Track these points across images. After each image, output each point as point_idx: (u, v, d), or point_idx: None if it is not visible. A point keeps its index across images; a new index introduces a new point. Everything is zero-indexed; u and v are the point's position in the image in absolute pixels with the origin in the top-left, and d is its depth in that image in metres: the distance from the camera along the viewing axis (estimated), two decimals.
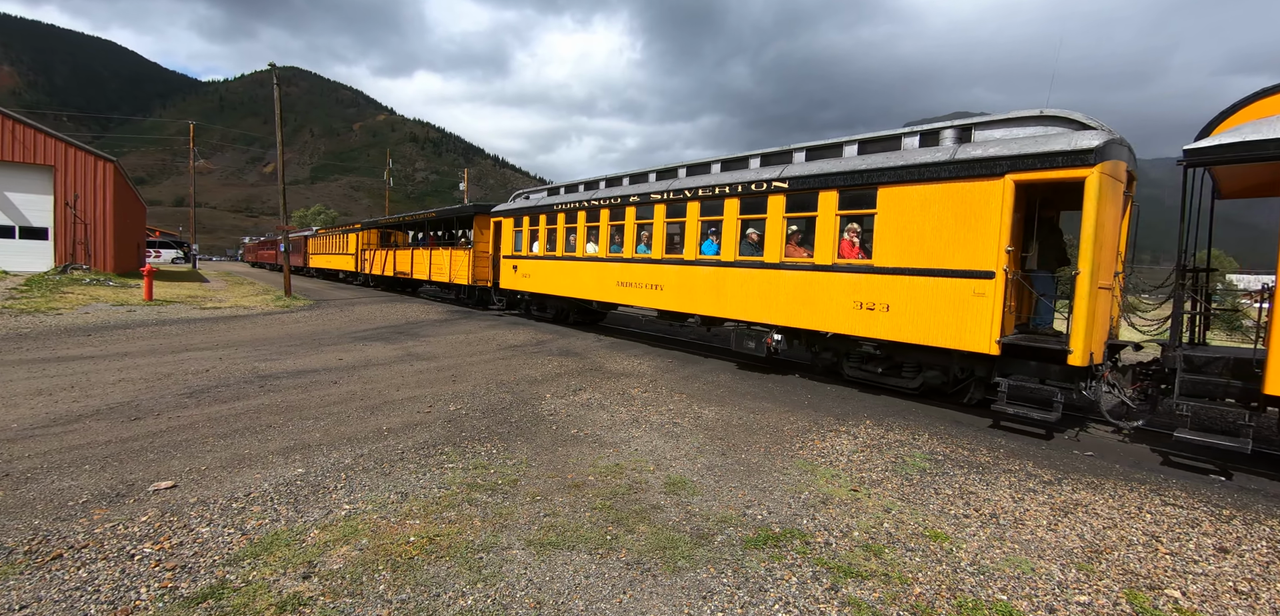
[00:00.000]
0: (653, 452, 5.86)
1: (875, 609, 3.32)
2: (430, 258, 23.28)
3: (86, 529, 3.86)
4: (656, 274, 11.97)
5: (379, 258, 29.60)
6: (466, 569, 3.55)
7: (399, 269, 26.91)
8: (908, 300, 7.89)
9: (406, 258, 25.90)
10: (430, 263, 23.24)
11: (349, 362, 9.92)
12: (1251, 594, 3.64)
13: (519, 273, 17.08)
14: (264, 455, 5.37)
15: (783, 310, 9.49)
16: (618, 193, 13.26)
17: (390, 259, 27.95)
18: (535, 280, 16.34)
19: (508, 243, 17.73)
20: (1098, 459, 6.23)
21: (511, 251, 17.51)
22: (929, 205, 7.71)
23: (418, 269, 24.55)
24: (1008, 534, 4.34)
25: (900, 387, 8.86)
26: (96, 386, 7.68)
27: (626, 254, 12.74)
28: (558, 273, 15.26)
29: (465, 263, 20.20)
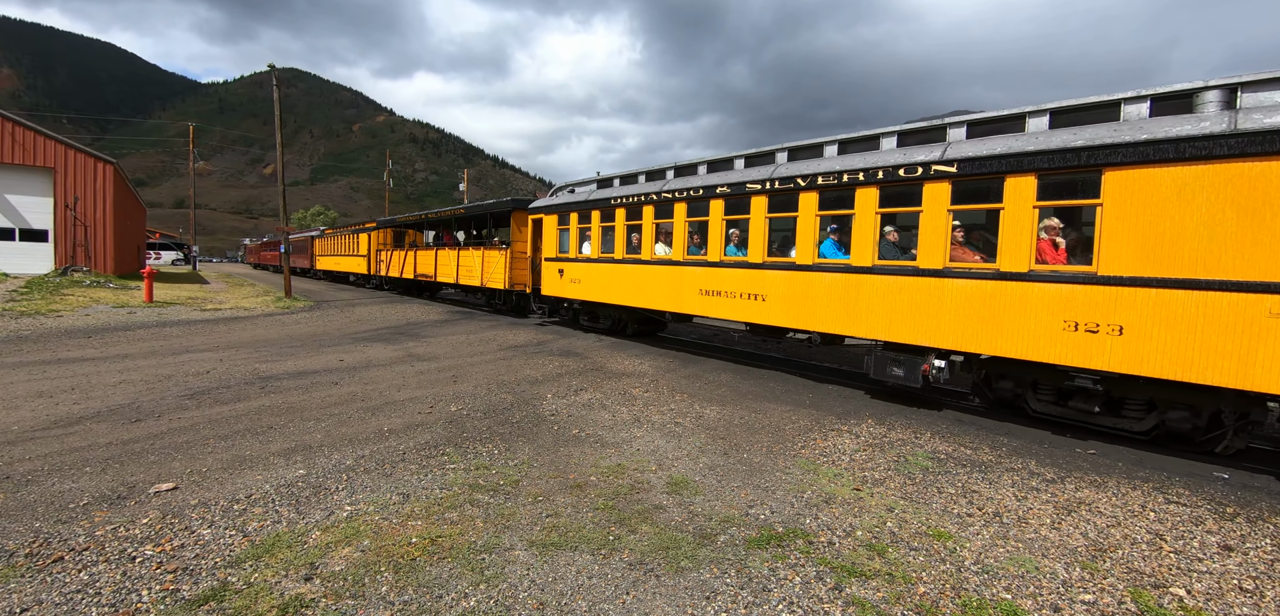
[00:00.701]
0: (655, 452, 5.85)
1: (879, 608, 3.30)
2: (457, 259, 20.95)
3: (87, 531, 3.85)
4: (755, 281, 9.78)
5: (396, 259, 27.09)
6: (469, 570, 3.54)
7: (420, 271, 24.46)
8: (1154, 320, 5.92)
9: (428, 259, 23.59)
10: (457, 265, 20.92)
11: (350, 364, 9.91)
12: (1256, 591, 3.63)
13: (566, 278, 14.64)
14: (265, 456, 5.36)
15: (948, 329, 7.44)
16: (695, 183, 11.02)
17: (408, 260, 25.58)
18: (587, 286, 13.93)
19: (551, 243, 15.29)
20: (1100, 457, 6.22)
21: (556, 253, 15.05)
22: (1191, 193, 5.77)
23: (443, 271, 22.23)
24: (1011, 532, 4.33)
25: (1122, 432, 6.85)
26: (97, 388, 7.67)
27: (711, 256, 10.57)
28: (617, 278, 12.97)
29: (501, 265, 17.83)
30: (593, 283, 13.76)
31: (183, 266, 52.44)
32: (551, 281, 15.44)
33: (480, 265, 19.34)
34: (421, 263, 24.46)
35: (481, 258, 19.30)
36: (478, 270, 19.48)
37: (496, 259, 18.35)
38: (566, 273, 14.68)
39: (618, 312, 14.03)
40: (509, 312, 19.39)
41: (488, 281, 18.85)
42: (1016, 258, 6.90)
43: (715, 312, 10.72)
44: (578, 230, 14.20)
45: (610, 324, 14.59)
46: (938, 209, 7.58)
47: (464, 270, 20.54)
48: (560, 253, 15.00)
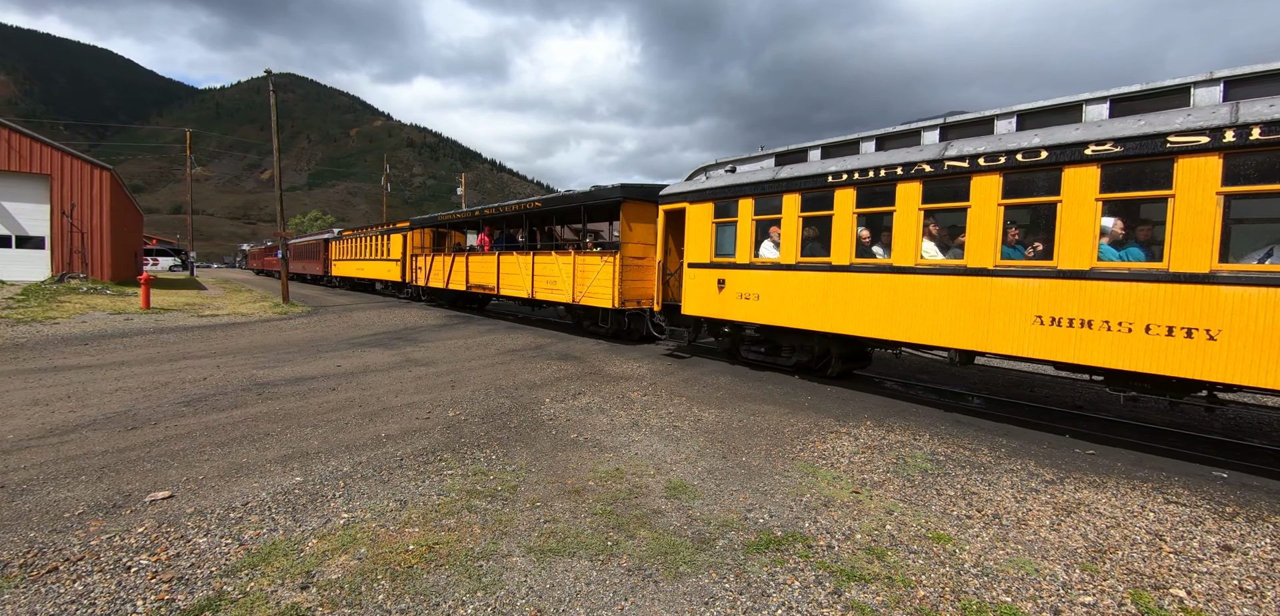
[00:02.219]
0: (653, 456, 5.83)
1: (879, 612, 3.29)
2: (531, 267, 16.40)
3: (82, 541, 3.83)
4: (1192, 305, 5.67)
5: (438, 265, 22.13)
6: (466, 577, 3.52)
7: (475, 282, 19.51)
8: None
9: (485, 266, 19.04)
10: (532, 273, 16.34)
11: (347, 369, 9.89)
12: (1257, 592, 3.62)
13: (729, 292, 10.47)
14: (262, 464, 5.33)
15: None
16: (1015, 145, 6.93)
17: (457, 267, 20.73)
18: (771, 303, 9.74)
19: (699, 243, 11.16)
20: (1099, 457, 6.21)
21: (708, 257, 10.94)
22: None
23: (509, 281, 17.66)
24: (1011, 534, 4.32)
25: None
26: (93, 396, 7.63)
27: (1075, 264, 6.42)
28: (834, 292, 8.76)
29: (607, 276, 13.36)
30: (780, 299, 9.59)
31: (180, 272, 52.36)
32: (701, 296, 11.14)
33: (570, 274, 14.77)
34: (478, 270, 19.47)
35: (573, 265, 14.67)
36: (566, 281, 14.92)
37: (597, 267, 13.76)
38: (731, 285, 10.47)
39: (817, 343, 9.78)
40: (613, 337, 14.58)
41: (584, 296, 14.17)
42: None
43: (1092, 357, 6.33)
44: (752, 224, 10.07)
45: (804, 358, 10.17)
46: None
47: (543, 281, 16.00)
48: (718, 257, 10.80)
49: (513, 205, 18.22)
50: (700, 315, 11.36)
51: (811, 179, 9.17)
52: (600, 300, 13.71)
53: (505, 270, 18.01)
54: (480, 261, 19.54)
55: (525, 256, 16.88)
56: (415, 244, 25.38)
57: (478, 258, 19.78)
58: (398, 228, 27.29)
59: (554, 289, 15.57)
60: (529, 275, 16.63)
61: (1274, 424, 7.98)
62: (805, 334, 9.71)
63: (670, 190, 12.25)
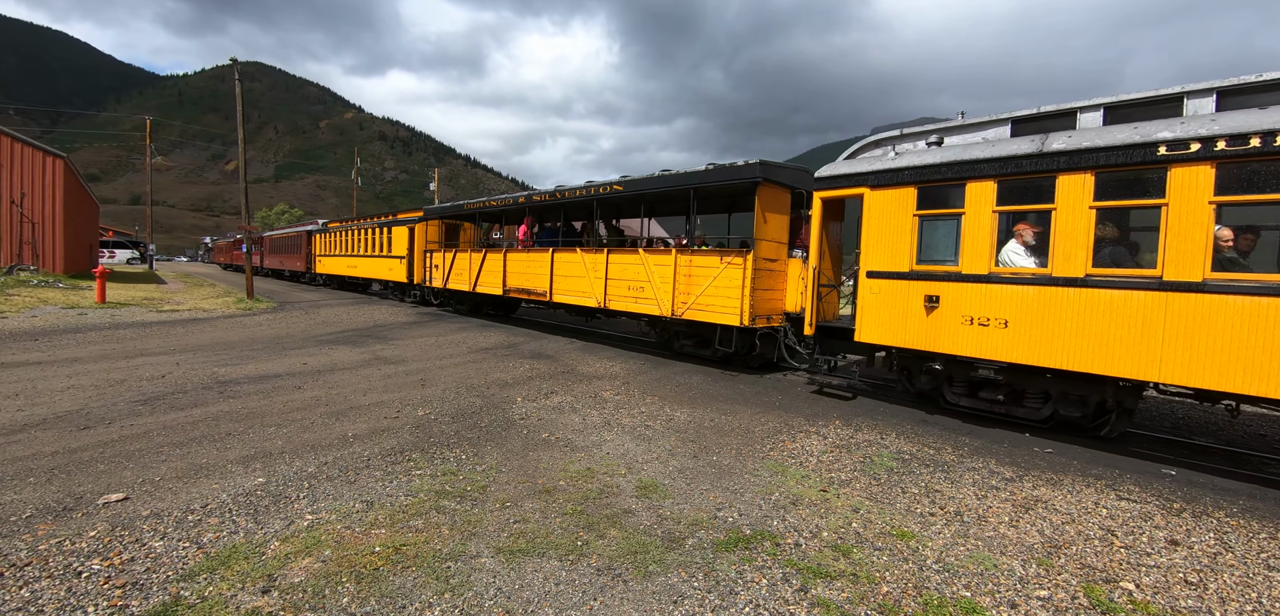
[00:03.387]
0: (624, 456, 5.84)
1: (843, 609, 3.35)
2: (605, 266, 12.81)
3: (30, 545, 3.68)
4: None
5: (461, 264, 18.79)
6: (434, 579, 3.48)
7: (518, 284, 15.92)
8: None
9: (534, 266, 15.25)
10: (605, 275, 12.79)
11: (313, 367, 9.68)
12: (1200, 584, 3.79)
13: (946, 312, 7.49)
14: (222, 464, 5.19)
15: None
16: None
17: (490, 266, 17.25)
18: (1027, 334, 6.84)
19: (891, 243, 8.09)
20: (1057, 456, 6.42)
21: (907, 264, 7.91)
22: None
23: (569, 284, 14.03)
24: (971, 531, 4.44)
25: None
26: (43, 394, 7.34)
27: None
28: (1172, 321, 5.89)
29: (733, 281, 10.15)
30: (1046, 327, 6.69)
31: (139, 266, 50.58)
32: (890, 316, 8.05)
33: (669, 279, 11.24)
34: (521, 271, 15.86)
35: (674, 267, 11.17)
36: (661, 287, 11.42)
37: (715, 271, 10.43)
38: (951, 304, 7.41)
39: (1105, 392, 6.88)
40: (724, 363, 11.42)
41: (692, 308, 10.80)
42: None
43: None
44: (992, 219, 7.15)
45: (1075, 412, 7.16)
46: None
47: (622, 286, 12.43)
48: (923, 263, 7.78)
49: (576, 189, 14.07)
50: (887, 343, 8.17)
51: (1118, 152, 6.20)
52: (719, 314, 10.40)
53: (563, 271, 14.29)
54: (524, 260, 15.81)
55: (592, 254, 13.27)
56: (429, 238, 21.35)
57: (520, 255, 16.04)
58: (404, 219, 23.15)
59: (639, 297, 12.02)
60: (599, 278, 12.98)
61: (1219, 424, 8.35)
62: (1081, 379, 6.82)
63: (834, 170, 8.93)
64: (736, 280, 10.13)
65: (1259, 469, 6.16)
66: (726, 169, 10.76)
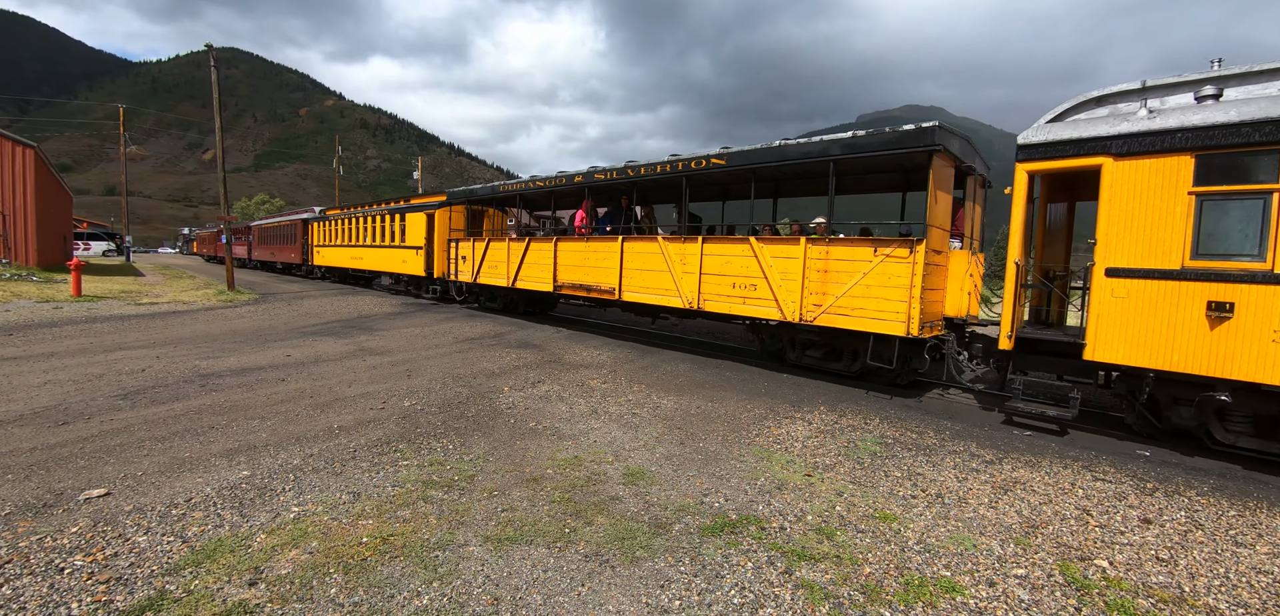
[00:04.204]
0: (612, 443, 5.88)
1: (827, 590, 3.42)
2: (700, 258, 10.54)
3: (10, 543, 3.64)
4: None
5: (495, 256, 16.19)
6: (422, 568, 3.49)
7: (573, 279, 13.43)
8: None
9: (597, 258, 12.75)
10: (699, 270, 10.55)
11: (297, 359, 9.59)
12: (1171, 561, 3.91)
13: (1242, 322, 5.66)
14: (206, 458, 5.15)
15: None
16: None
17: (535, 259, 14.68)
18: None
19: (1149, 231, 6.27)
20: (1036, 439, 6.56)
21: (1177, 259, 6.07)
22: None
23: (644, 280, 11.65)
24: (952, 513, 4.53)
25: None
26: (19, 390, 7.21)
27: None
28: None
29: (898, 279, 8.07)
30: None
31: (115, 258, 49.56)
32: (1146, 330, 6.23)
33: (794, 276, 9.18)
34: (577, 263, 13.33)
35: (802, 261, 9.05)
36: (786, 283, 9.28)
37: (863, 265, 8.39)
38: (1248, 312, 5.67)
39: None
40: (860, 378, 9.39)
41: (830, 312, 8.77)
42: None
43: None
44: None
45: None
46: None
47: (724, 284, 10.19)
48: (1203, 258, 5.96)
49: (660, 164, 11.40)
50: (1143, 364, 6.24)
51: None
52: (872, 320, 8.22)
53: (636, 263, 11.84)
54: (582, 250, 13.22)
55: (680, 244, 10.89)
56: (452, 225, 19.01)
57: (575, 245, 13.46)
58: (421, 203, 20.67)
59: (748, 297, 9.82)
60: (689, 273, 10.69)
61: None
62: None
63: (1053, 135, 6.90)
64: (900, 278, 7.95)
65: (1229, 449, 6.33)
66: (888, 135, 8.31)
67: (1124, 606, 3.35)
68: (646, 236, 11.95)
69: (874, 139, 8.51)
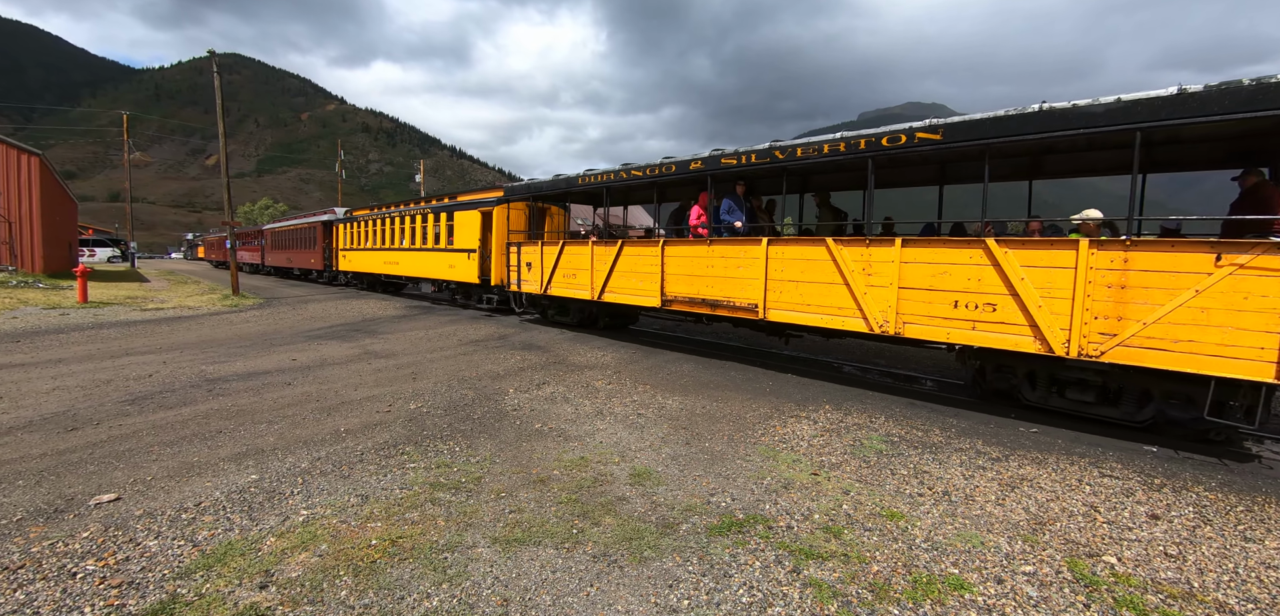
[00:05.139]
0: (618, 444, 5.89)
1: (835, 588, 3.42)
2: (898, 270, 7.91)
3: (22, 548, 3.66)
4: None
5: (573, 261, 13.46)
6: (431, 569, 3.51)
7: (681, 293, 10.84)
8: None
9: (726, 266, 10.02)
10: (898, 284, 7.92)
11: (303, 363, 9.62)
12: (1179, 556, 3.90)
13: None
14: (214, 462, 5.18)
15: None
16: None
17: (627, 266, 11.99)
18: None
19: None
20: (1042, 435, 6.54)
21: None
22: None
23: (800, 294, 9.04)
24: (959, 510, 4.53)
25: None
26: (28, 396, 7.25)
27: None
28: None
29: (1245, 302, 5.59)
30: None
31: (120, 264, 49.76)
32: None
33: (1064, 291, 6.65)
34: (690, 272, 10.66)
35: (1077, 270, 6.54)
36: (1049, 304, 6.72)
37: (1196, 278, 5.88)
38: None
39: None
40: (1174, 438, 6.75)
41: (1137, 347, 6.21)
42: None
43: None
44: None
45: None
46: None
47: (932, 302, 7.70)
48: None
49: (827, 143, 8.65)
50: None
51: None
52: (1217, 359, 5.82)
53: (790, 272, 9.12)
54: (703, 256, 10.38)
55: (868, 248, 8.17)
56: (512, 226, 16.48)
57: (692, 249, 10.63)
58: (475, 200, 17.85)
59: (980, 319, 7.26)
60: (883, 286, 8.06)
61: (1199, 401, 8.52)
62: None
63: None
64: (1270, 296, 5.53)
65: (1235, 444, 6.31)
66: (1240, 91, 5.58)
67: (1133, 602, 3.35)
68: (807, 238, 9.21)
69: (1217, 97, 5.70)
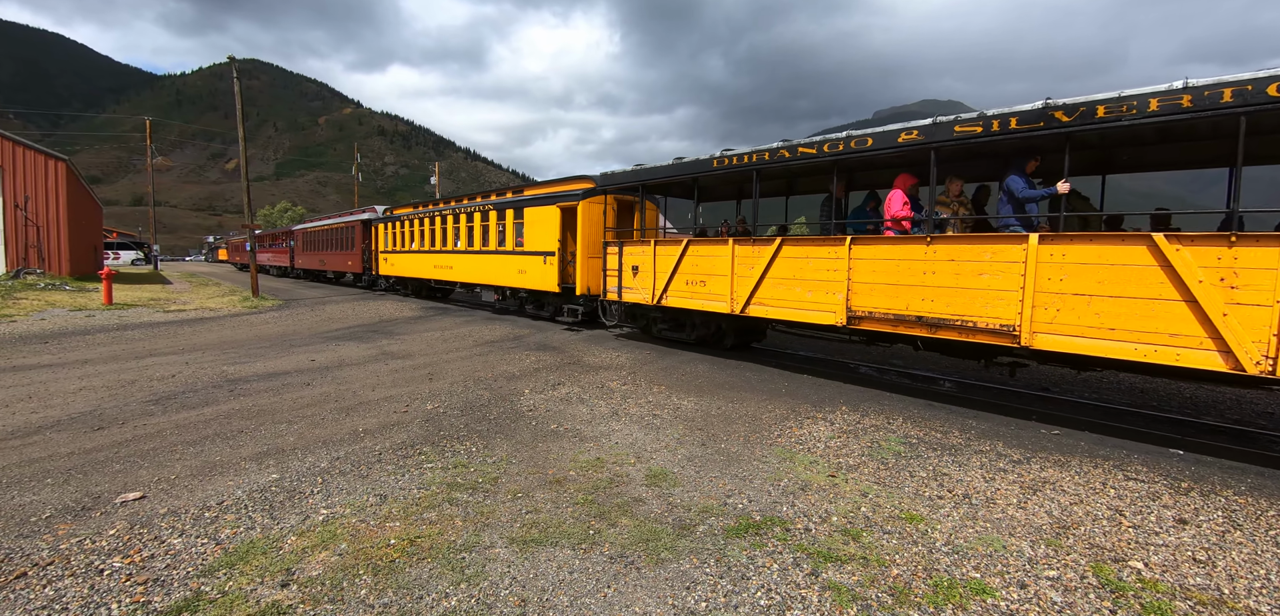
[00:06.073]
0: (633, 445, 5.88)
1: (854, 592, 3.39)
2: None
3: (51, 545, 3.74)
4: None
5: (698, 265, 10.86)
6: (449, 569, 3.53)
7: (886, 309, 8.07)
8: None
9: (957, 271, 7.38)
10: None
11: (322, 364, 9.74)
12: (1208, 562, 3.81)
13: None
14: (236, 462, 5.25)
15: None
16: None
17: (784, 271, 9.37)
18: None
19: None
20: (1064, 437, 6.44)
21: None
22: None
23: (1096, 312, 6.30)
24: (980, 513, 4.46)
25: None
26: (56, 396, 7.41)
27: None
28: None
29: None
30: None
31: (143, 266, 50.75)
32: None
33: None
34: (892, 277, 8.05)
35: None
36: None
37: None
38: None
39: None
40: None
41: None
42: None
43: None
44: None
45: None
46: None
47: None
48: None
49: (1132, 100, 6.04)
50: None
51: None
52: None
53: (1082, 281, 6.51)
54: (918, 258, 7.79)
55: (1234, 248, 5.57)
56: (601, 222, 14.00)
57: (895, 249, 8.05)
58: (553, 193, 15.36)
59: None
60: (1257, 299, 5.46)
61: (1226, 403, 8.35)
62: None
63: None
64: None
65: (1267, 447, 6.17)
66: None
67: (1161, 609, 3.28)
68: (1109, 235, 6.70)
69: None
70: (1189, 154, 7.97)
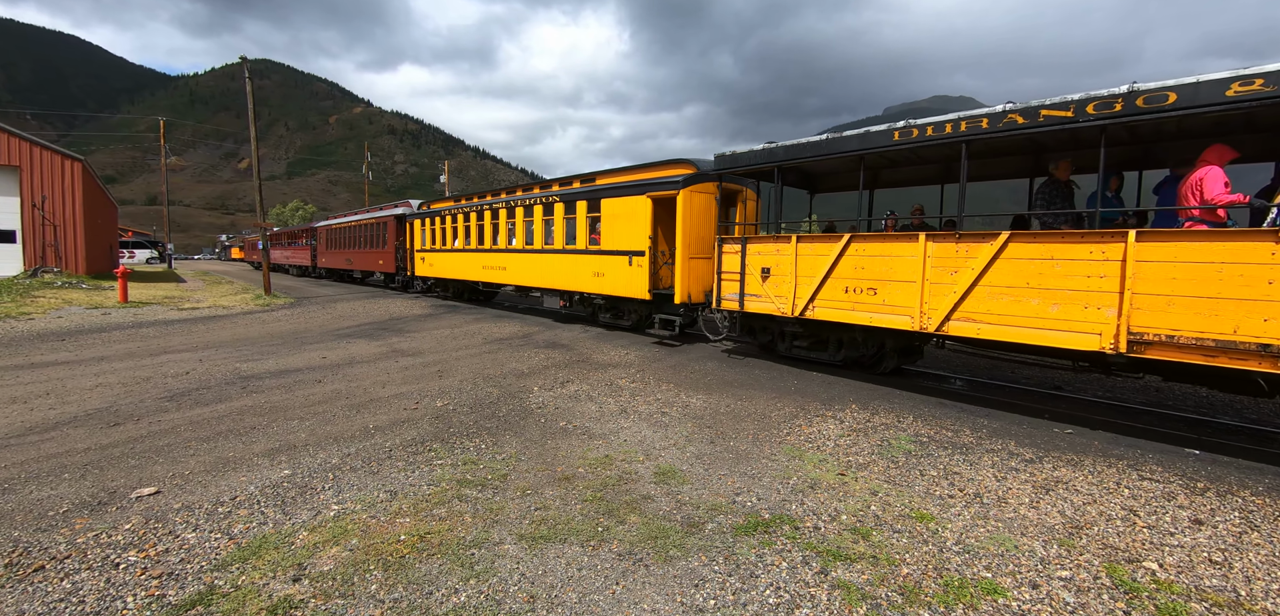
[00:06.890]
0: (642, 443, 5.88)
1: (864, 590, 3.37)
2: None
3: (68, 539, 3.79)
4: None
5: (870, 266, 8.43)
6: (458, 565, 3.54)
7: (1188, 331, 5.74)
8: None
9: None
10: None
11: (333, 361, 9.81)
12: (1225, 563, 3.76)
13: None
14: (249, 457, 5.30)
15: None
16: None
17: (1035, 277, 6.81)
18: None
19: None
20: (1076, 436, 6.37)
21: None
22: None
23: None
24: (991, 513, 4.43)
25: None
26: (73, 392, 7.51)
27: None
28: None
29: None
30: None
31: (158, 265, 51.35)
32: None
33: None
34: (1214, 286, 5.61)
35: None
36: None
37: None
38: None
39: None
40: None
41: None
42: None
43: None
44: None
45: None
46: None
47: None
48: None
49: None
50: None
51: None
52: None
53: None
54: (1270, 265, 5.30)
55: None
56: (715, 218, 11.44)
57: (1214, 248, 5.68)
58: (637, 181, 12.82)
59: None
60: None
61: (1243, 403, 8.23)
62: None
63: None
64: None
65: None
66: None
67: (1176, 610, 3.24)
68: None
69: None
70: None
